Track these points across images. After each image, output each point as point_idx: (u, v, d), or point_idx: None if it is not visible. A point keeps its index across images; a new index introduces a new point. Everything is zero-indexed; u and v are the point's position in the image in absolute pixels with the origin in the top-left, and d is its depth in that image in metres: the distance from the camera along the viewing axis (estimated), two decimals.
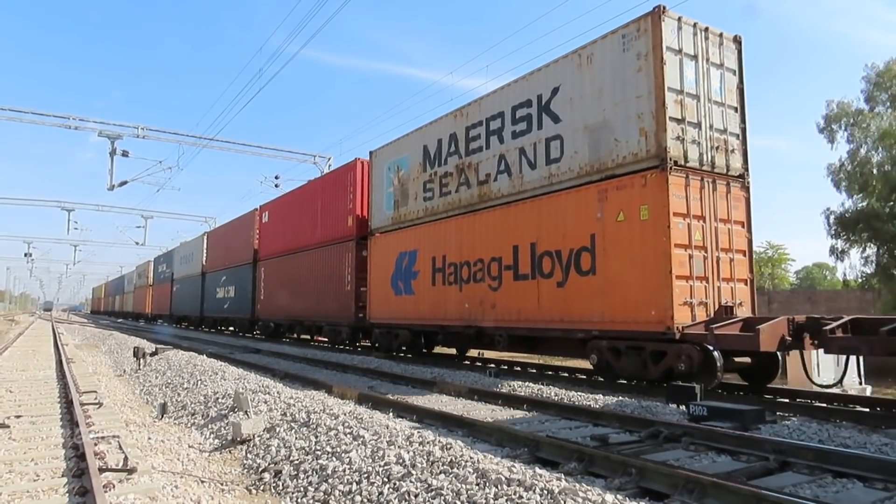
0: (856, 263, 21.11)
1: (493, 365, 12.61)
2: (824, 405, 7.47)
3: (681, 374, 8.02)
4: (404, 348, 14.78)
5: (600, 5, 17.00)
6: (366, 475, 4.43)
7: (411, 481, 4.14)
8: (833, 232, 20.85)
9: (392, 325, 14.74)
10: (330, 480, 4.55)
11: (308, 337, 21.64)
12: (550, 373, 11.44)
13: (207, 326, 32.31)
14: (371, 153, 16.06)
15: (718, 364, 7.97)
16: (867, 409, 7.31)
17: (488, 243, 11.56)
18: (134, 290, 57.02)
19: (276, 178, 30.26)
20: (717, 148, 9.12)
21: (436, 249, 13.11)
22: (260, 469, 5.23)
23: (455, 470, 4.16)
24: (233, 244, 27.48)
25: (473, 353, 14.44)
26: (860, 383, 9.52)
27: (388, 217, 15.12)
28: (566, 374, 11.13)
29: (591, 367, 9.88)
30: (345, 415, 6.09)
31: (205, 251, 32.46)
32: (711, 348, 7.91)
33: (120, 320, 53.91)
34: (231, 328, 29.74)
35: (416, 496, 3.94)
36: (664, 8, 8.77)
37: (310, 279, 19.15)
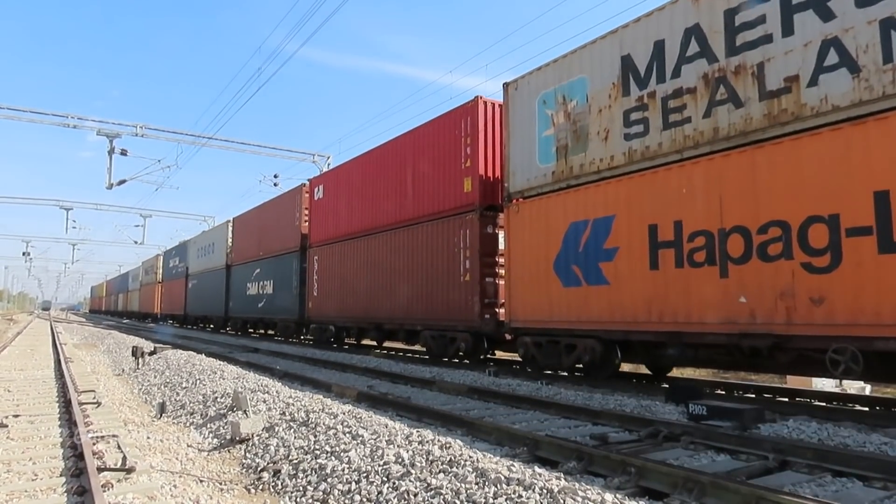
0: None
1: (492, 364, 12.60)
2: (824, 404, 7.46)
3: None
4: (580, 366, 10.12)
5: (598, 4, 17.01)
6: (365, 474, 4.43)
7: (410, 480, 4.14)
8: None
9: (556, 331, 10.13)
10: (329, 480, 4.54)
11: (379, 345, 17.06)
12: (549, 372, 11.43)
13: (236, 329, 27.41)
14: (508, 85, 11.30)
15: None
16: (866, 409, 7.31)
17: (800, 193, 6.98)
18: (140, 287, 52.63)
19: (276, 176, 30.28)
20: None
21: (656, 213, 8.47)
22: (259, 468, 5.22)
23: (454, 469, 4.16)
24: (269, 230, 23.09)
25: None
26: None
27: (543, 173, 10.41)
28: (565, 374, 11.12)
29: None
30: (344, 414, 6.09)
31: (230, 241, 28.01)
32: None
33: (126, 321, 49.52)
34: (269, 332, 25.01)
35: (415, 495, 3.93)
36: None
37: (395, 269, 14.52)
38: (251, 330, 26.68)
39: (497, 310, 11.69)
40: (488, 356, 13.36)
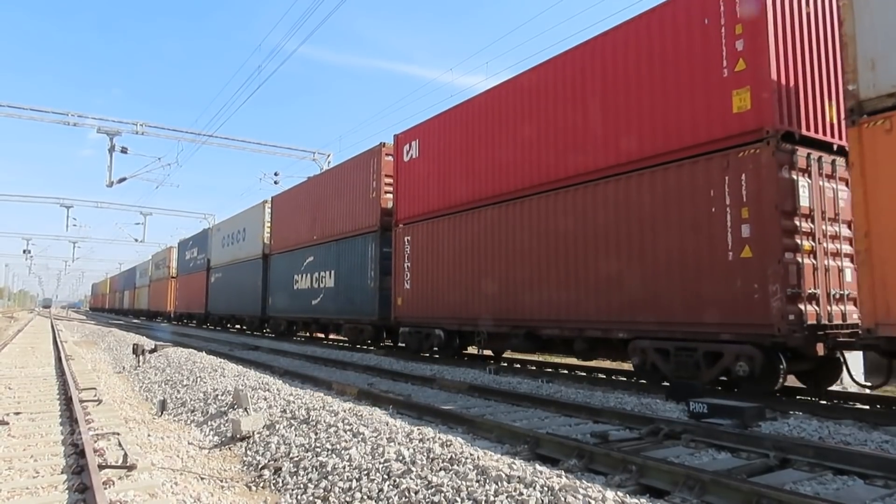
0: None
1: (492, 362, 12.60)
2: (824, 402, 7.46)
3: None
4: None
5: (597, 3, 16.91)
6: (366, 472, 4.43)
7: (411, 478, 4.14)
8: None
9: None
10: (330, 477, 4.54)
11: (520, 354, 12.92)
12: (550, 370, 11.43)
13: (277, 331, 22.55)
14: None
15: None
16: (867, 407, 7.31)
17: None
18: (150, 283, 47.13)
19: (276, 174, 30.26)
20: None
21: None
22: (260, 466, 5.23)
23: (455, 467, 4.16)
24: (328, 207, 18.29)
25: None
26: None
27: None
28: (566, 372, 11.13)
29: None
30: (344, 412, 6.09)
31: (267, 225, 23.36)
32: None
33: (136, 321, 44.40)
34: (327, 335, 20.15)
35: (416, 493, 3.93)
36: None
37: (570, 246, 9.67)
38: (300, 334, 21.82)
39: (802, 307, 7.13)
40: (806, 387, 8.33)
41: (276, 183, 30.03)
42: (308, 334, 21.41)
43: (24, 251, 60.09)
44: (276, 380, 8.94)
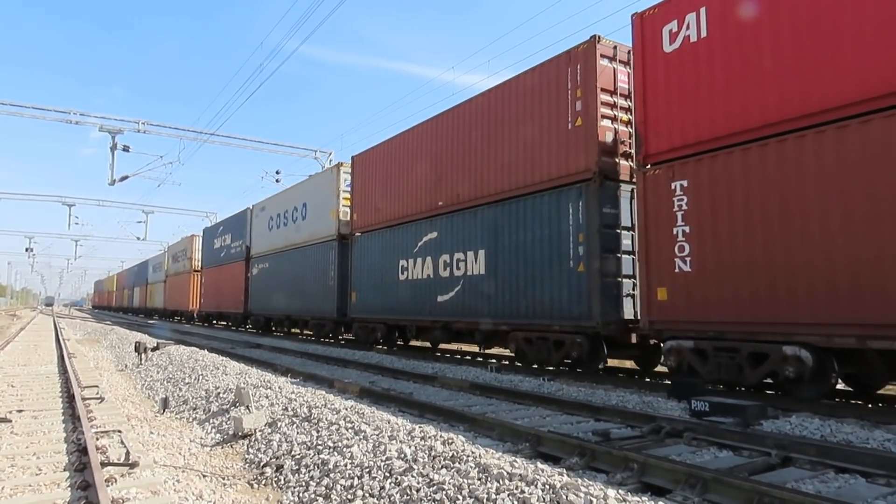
0: None
1: (494, 360, 12.59)
2: (826, 401, 7.45)
3: None
4: None
5: (597, 1, 16.84)
6: (367, 470, 4.43)
7: (413, 476, 4.14)
8: None
9: None
10: (332, 475, 4.55)
11: None
12: (551, 368, 11.43)
13: (367, 338, 15.83)
14: None
15: None
16: (869, 405, 7.30)
17: None
18: (165, 278, 41.36)
19: (277, 172, 30.25)
20: None
21: None
22: (261, 463, 5.24)
23: (457, 465, 4.16)
24: (472, 157, 12.16)
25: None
26: None
27: None
28: (567, 370, 11.12)
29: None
30: (346, 410, 6.10)
31: (344, 195, 17.60)
32: None
33: (153, 321, 38.84)
34: (452, 343, 14.40)
35: (417, 491, 3.94)
36: None
37: None
38: (400, 340, 15.54)
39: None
40: None
41: (277, 181, 30.02)
42: (429, 344, 14.98)
43: (27, 249, 60.23)
44: (277, 378, 8.95)
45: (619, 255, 9.39)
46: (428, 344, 15.11)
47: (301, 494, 4.44)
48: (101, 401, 7.75)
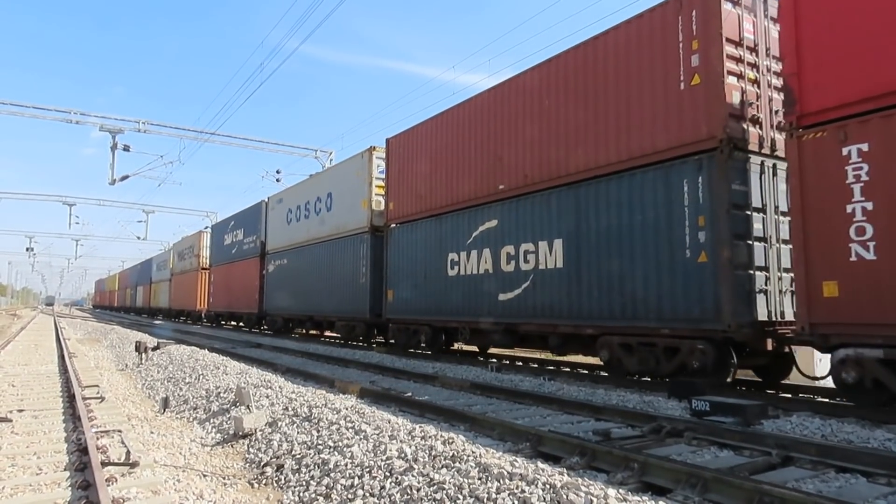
0: None
1: (494, 360, 12.59)
2: (827, 400, 7.45)
3: None
4: None
5: (597, 0, 16.76)
6: (368, 469, 4.43)
7: (413, 476, 4.14)
8: None
9: None
10: (332, 475, 4.55)
11: None
12: (552, 367, 11.43)
13: (409, 341, 13.99)
14: None
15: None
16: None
17: None
18: (171, 276, 39.57)
19: (278, 172, 30.25)
20: None
21: None
22: (262, 463, 5.24)
23: (457, 464, 4.16)
24: (544, 129, 10.35)
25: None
26: None
27: None
28: (567, 370, 11.13)
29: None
30: (346, 409, 6.10)
31: (377, 182, 15.74)
32: None
33: (158, 321, 37.09)
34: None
35: (417, 490, 3.94)
36: None
37: None
38: (451, 345, 13.89)
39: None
40: None
41: (277, 181, 30.02)
42: (474, 350, 13.80)
43: (27, 249, 60.28)
44: (278, 377, 8.95)
45: (749, 241, 7.69)
46: (475, 348, 13.68)
47: (301, 494, 4.44)
48: (101, 400, 7.75)
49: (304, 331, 21.42)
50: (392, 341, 15.07)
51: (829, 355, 6.63)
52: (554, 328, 9.94)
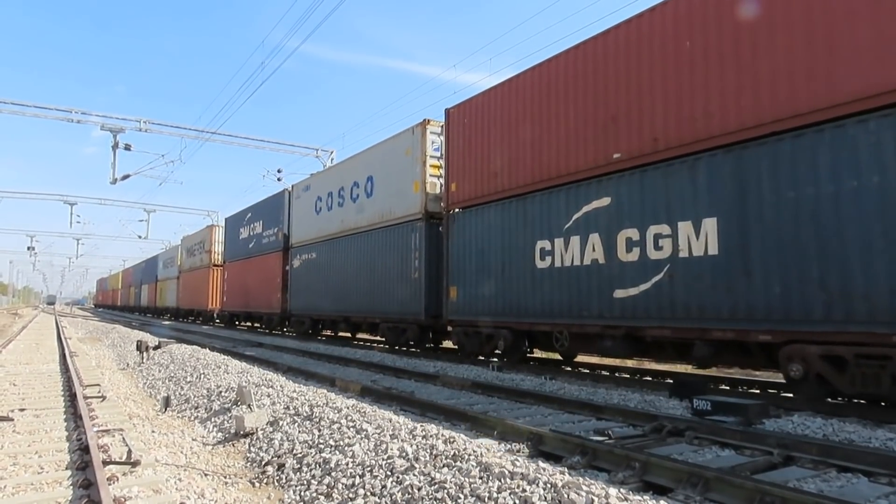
0: None
1: (495, 360, 12.58)
2: (829, 400, 7.44)
3: None
4: None
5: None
6: (369, 469, 4.43)
7: (414, 475, 4.14)
8: None
9: None
10: (333, 474, 4.55)
11: None
12: (628, 375, 11.30)
13: (483, 347, 11.67)
14: None
15: None
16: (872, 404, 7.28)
17: None
18: (179, 274, 37.60)
19: (279, 171, 30.26)
20: None
21: None
22: (263, 462, 5.24)
23: (458, 463, 4.16)
24: (696, 74, 7.85)
25: None
26: None
27: None
28: (569, 369, 11.12)
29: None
30: (348, 408, 6.10)
31: (431, 160, 13.58)
32: None
33: (166, 321, 35.60)
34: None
35: (419, 489, 3.94)
36: None
37: None
38: (529, 351, 11.88)
39: None
40: None
41: (279, 180, 30.02)
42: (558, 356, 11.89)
43: (29, 248, 60.37)
44: (279, 376, 8.95)
45: None
46: (556, 356, 11.69)
47: (303, 493, 4.44)
48: (102, 399, 7.76)
49: (331, 333, 19.47)
50: (454, 346, 12.94)
51: None
52: (702, 333, 7.66)
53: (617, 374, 10.40)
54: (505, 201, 11.01)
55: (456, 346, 12.84)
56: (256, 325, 26.25)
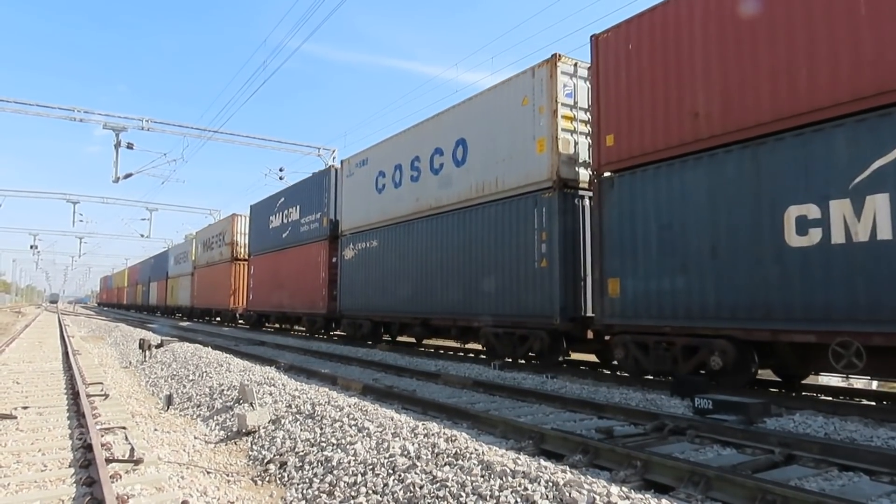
0: None
1: (496, 360, 12.58)
2: (830, 399, 7.44)
3: None
4: None
5: None
6: (371, 467, 4.44)
7: (416, 473, 4.15)
8: None
9: None
10: (335, 472, 4.56)
11: None
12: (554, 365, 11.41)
13: (675, 366, 8.04)
14: None
15: None
16: (873, 403, 7.29)
17: None
18: (193, 270, 34.54)
19: (281, 170, 30.31)
20: None
21: None
22: (265, 460, 5.25)
23: (460, 462, 4.16)
24: None
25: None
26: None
27: None
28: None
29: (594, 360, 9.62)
30: (349, 407, 6.11)
31: (556, 114, 10.20)
32: None
33: (185, 322, 31.90)
34: None
35: (420, 488, 3.94)
36: None
37: None
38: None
39: None
40: None
41: (280, 178, 30.06)
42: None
43: (32, 246, 60.54)
44: (280, 375, 8.97)
45: None
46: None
47: (305, 491, 4.45)
48: (105, 398, 7.78)
49: (409, 337, 15.86)
50: (616, 363, 9.48)
51: None
52: None
53: (618, 374, 10.40)
54: (714, 152, 7.70)
55: (618, 363, 9.23)
56: (294, 327, 23.08)
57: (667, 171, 8.28)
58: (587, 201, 10.14)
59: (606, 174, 9.13)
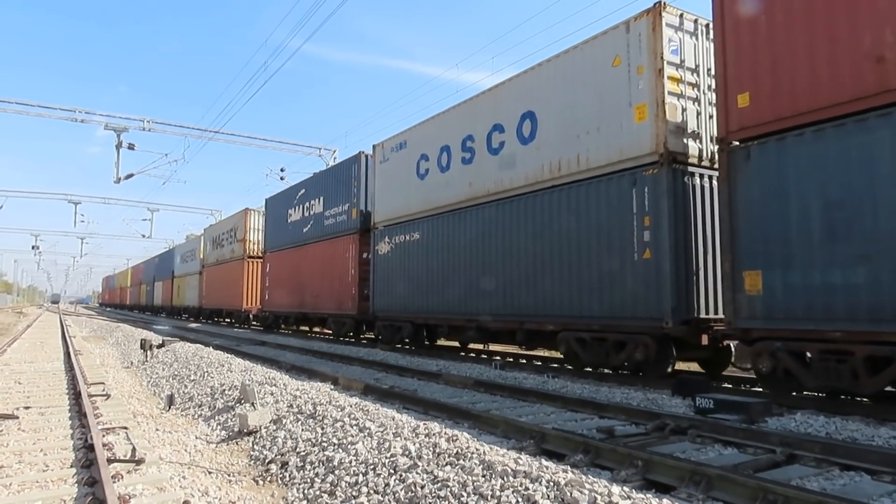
0: None
1: (498, 357, 12.59)
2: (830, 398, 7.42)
3: None
4: None
5: None
6: (372, 466, 4.45)
7: (417, 473, 4.15)
8: None
9: None
10: (336, 472, 4.56)
11: None
12: (556, 365, 11.42)
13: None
14: None
15: None
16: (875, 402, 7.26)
17: None
18: (201, 269, 32.98)
19: (282, 170, 30.33)
20: None
21: None
22: (266, 460, 5.26)
23: (461, 461, 4.17)
24: None
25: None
26: None
27: None
28: (570, 367, 11.09)
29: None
30: (351, 406, 6.11)
31: (661, 73, 8.39)
32: None
33: (196, 324, 29.97)
34: None
35: (422, 487, 3.95)
36: None
37: None
38: None
39: None
40: None
41: (282, 178, 30.10)
42: None
43: (33, 247, 60.67)
44: (282, 374, 8.98)
45: None
46: None
47: (306, 491, 4.46)
48: (107, 398, 7.79)
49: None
50: (806, 390, 7.12)
51: None
52: None
53: (621, 373, 10.39)
54: None
55: (758, 376, 7.36)
56: (313, 329, 21.69)
57: (835, 135, 6.37)
58: (698, 179, 8.63)
59: (737, 143, 7.27)
